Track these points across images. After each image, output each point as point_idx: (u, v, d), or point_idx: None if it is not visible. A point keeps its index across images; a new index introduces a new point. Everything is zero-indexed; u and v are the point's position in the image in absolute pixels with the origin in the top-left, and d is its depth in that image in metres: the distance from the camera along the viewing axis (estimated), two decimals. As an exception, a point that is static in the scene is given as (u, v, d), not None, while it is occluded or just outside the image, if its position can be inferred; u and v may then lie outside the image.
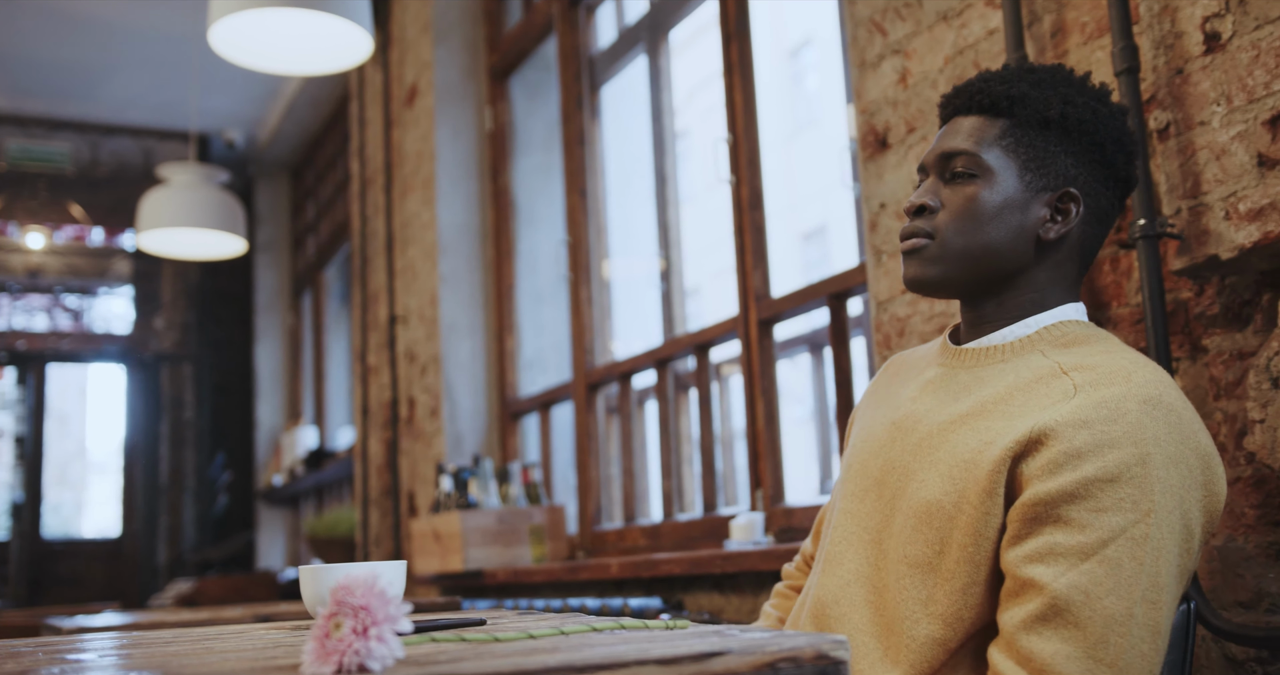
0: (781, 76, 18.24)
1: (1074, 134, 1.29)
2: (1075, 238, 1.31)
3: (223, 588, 5.42)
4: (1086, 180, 1.30)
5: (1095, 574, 1.09)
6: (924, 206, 1.32)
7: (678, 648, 0.79)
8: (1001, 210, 1.29)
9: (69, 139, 7.31)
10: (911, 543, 1.21)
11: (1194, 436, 1.16)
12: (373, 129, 5.21)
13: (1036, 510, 1.12)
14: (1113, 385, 1.16)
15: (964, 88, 1.36)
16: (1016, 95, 1.30)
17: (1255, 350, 1.57)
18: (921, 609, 1.19)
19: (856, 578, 1.28)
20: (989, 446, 1.18)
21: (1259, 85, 1.51)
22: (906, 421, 1.31)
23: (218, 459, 7.52)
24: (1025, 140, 1.30)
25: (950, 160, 1.32)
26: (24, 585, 7.13)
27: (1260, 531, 1.56)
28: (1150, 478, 1.10)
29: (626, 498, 3.52)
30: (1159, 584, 1.09)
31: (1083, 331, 1.28)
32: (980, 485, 1.17)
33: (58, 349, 7.48)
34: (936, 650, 1.17)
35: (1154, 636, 1.09)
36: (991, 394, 1.24)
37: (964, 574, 1.17)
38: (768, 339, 2.91)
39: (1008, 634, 1.12)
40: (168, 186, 4.63)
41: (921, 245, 1.31)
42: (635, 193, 4.33)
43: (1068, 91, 1.30)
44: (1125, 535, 1.09)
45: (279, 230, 7.80)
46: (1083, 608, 1.08)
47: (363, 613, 0.74)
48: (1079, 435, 1.12)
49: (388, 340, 4.86)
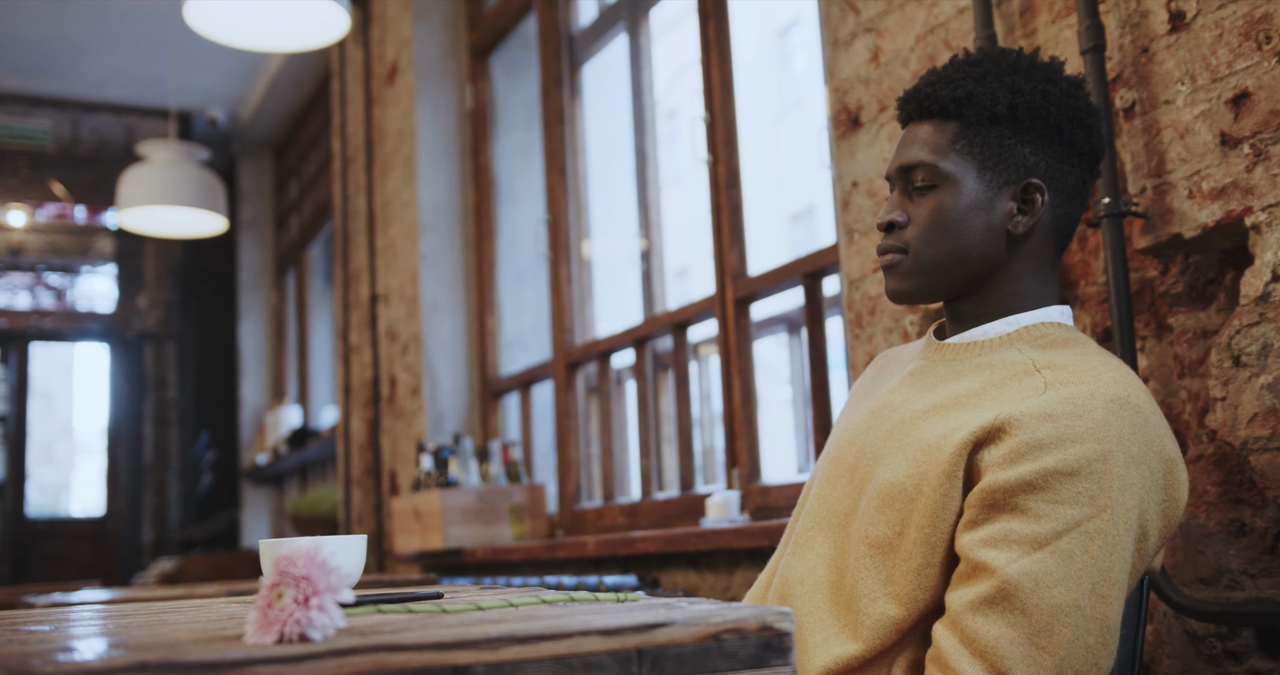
0: (769, 56, 18.19)
1: (1026, 122, 1.29)
2: (1047, 222, 1.31)
3: (206, 566, 5.42)
4: (1048, 165, 1.30)
5: (1046, 563, 1.10)
6: (893, 223, 1.33)
7: (621, 619, 0.80)
8: (967, 215, 1.29)
9: (49, 116, 7.26)
10: (874, 524, 1.23)
11: (1159, 440, 1.17)
12: (354, 107, 5.19)
13: (995, 497, 1.13)
14: (1082, 383, 1.17)
15: (912, 94, 1.35)
16: (962, 96, 1.29)
17: (1218, 328, 1.58)
18: (880, 588, 1.20)
19: (822, 560, 1.29)
20: (954, 432, 1.19)
21: (1222, 64, 1.52)
22: (883, 411, 1.33)
23: (202, 438, 7.51)
24: (979, 140, 1.29)
25: (910, 173, 1.32)
26: (7, 564, 7.13)
27: (1221, 509, 1.57)
28: (1110, 475, 1.11)
29: (606, 476, 3.53)
30: (1110, 579, 1.10)
31: (1061, 334, 1.29)
32: (941, 468, 1.18)
33: (40, 327, 7.45)
34: (891, 629, 1.18)
35: (1101, 630, 1.10)
36: (966, 387, 1.25)
37: (920, 555, 1.18)
38: (744, 318, 2.92)
39: (954, 613, 1.13)
40: (147, 164, 4.61)
41: (896, 261, 1.33)
42: (617, 172, 4.32)
43: (1014, 80, 1.29)
44: (1080, 529, 1.10)
45: (262, 209, 7.77)
46: (1031, 595, 1.09)
47: (304, 583, 0.74)
48: (1042, 427, 1.13)
49: (369, 319, 4.85)
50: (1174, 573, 1.63)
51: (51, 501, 11.42)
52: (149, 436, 7.50)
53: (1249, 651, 1.55)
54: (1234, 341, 1.51)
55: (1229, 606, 1.50)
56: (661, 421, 3.43)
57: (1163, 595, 1.56)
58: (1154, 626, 1.68)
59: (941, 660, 1.12)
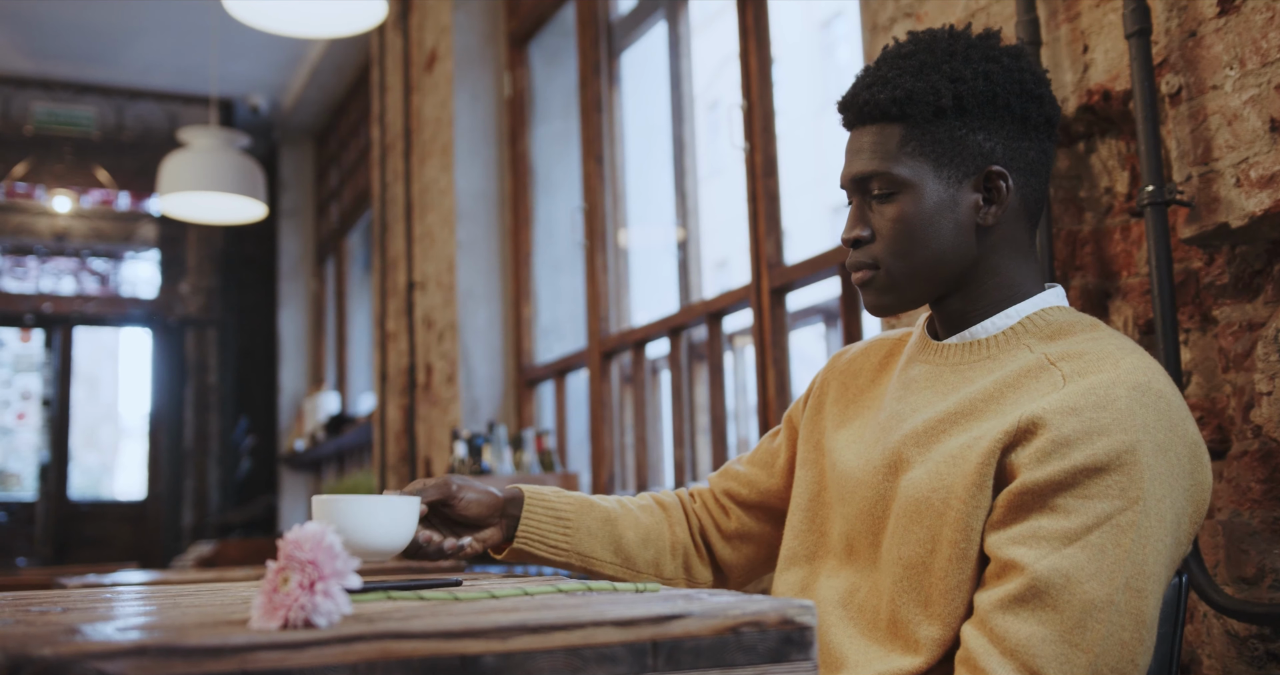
0: (811, 48, 18.08)
1: (974, 109, 1.23)
2: (1015, 205, 1.26)
3: (243, 550, 5.47)
4: (1005, 147, 1.24)
5: (1077, 558, 1.06)
6: (858, 239, 1.27)
7: (637, 610, 0.78)
8: (933, 218, 1.23)
9: (94, 103, 7.33)
10: (904, 543, 1.19)
11: (1182, 424, 1.13)
12: (393, 95, 5.19)
13: (1024, 498, 1.10)
14: (1101, 371, 1.13)
15: (850, 99, 1.28)
16: (902, 97, 1.22)
17: (1265, 321, 1.53)
18: (921, 611, 1.17)
19: (851, 587, 1.27)
20: (977, 441, 1.15)
21: (1273, 48, 1.47)
22: (891, 421, 1.28)
23: (241, 423, 7.58)
24: (929, 138, 1.23)
25: (866, 183, 1.26)
26: (50, 545, 7.23)
27: (1266, 506, 1.53)
28: (1139, 465, 1.08)
29: (639, 466, 3.51)
30: (1145, 572, 1.07)
31: (1066, 318, 1.25)
32: (968, 479, 1.14)
33: (84, 312, 7.54)
34: (939, 649, 1.15)
35: (1136, 625, 1.06)
36: (980, 391, 1.21)
37: (956, 571, 1.14)
38: (780, 308, 2.88)
39: (982, 613, 1.10)
40: (188, 150, 4.64)
41: (869, 277, 1.27)
42: (655, 161, 4.29)
43: (953, 67, 1.23)
44: (1111, 522, 1.07)
45: (303, 196, 7.81)
46: (1062, 591, 1.05)
47: (310, 567, 0.73)
48: (1068, 422, 1.10)
49: (406, 306, 4.86)
50: (1216, 572, 1.58)
51: (95, 484, 11.57)
52: (189, 421, 7.58)
53: (1292, 654, 1.51)
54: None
55: (1273, 607, 1.46)
56: (696, 412, 3.40)
57: (1204, 595, 1.52)
58: (1194, 627, 1.64)
59: (971, 661, 1.08)
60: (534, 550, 1.43)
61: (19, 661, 0.61)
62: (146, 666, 0.63)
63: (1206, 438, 1.62)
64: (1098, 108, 1.78)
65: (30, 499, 7.45)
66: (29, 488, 7.57)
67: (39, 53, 6.62)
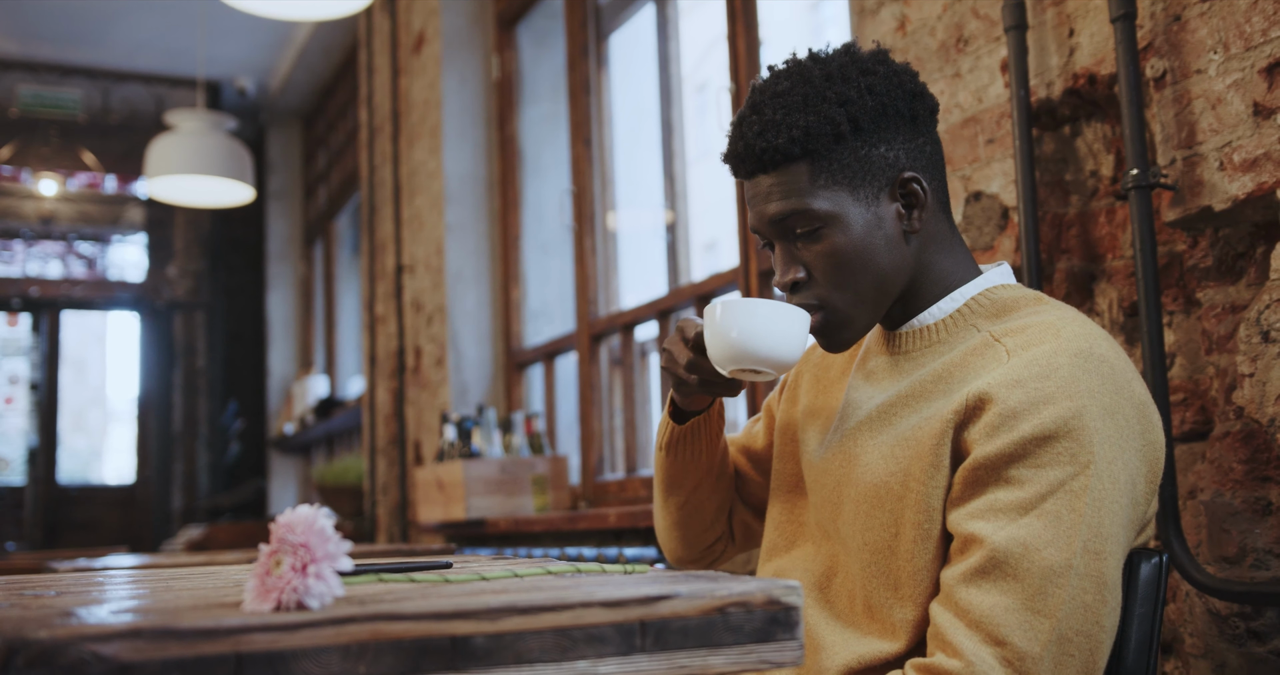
0: (800, 31, 18.04)
1: (869, 126, 1.22)
2: (931, 201, 1.27)
3: (232, 534, 5.47)
4: (906, 150, 1.25)
5: (1034, 527, 1.08)
6: (795, 282, 1.25)
7: (625, 591, 0.79)
8: (865, 240, 1.23)
9: (80, 85, 7.29)
10: (868, 528, 1.21)
11: (1128, 386, 1.14)
12: (381, 77, 5.18)
13: (978, 473, 1.12)
14: (1043, 343, 1.15)
15: (747, 151, 1.25)
16: (800, 135, 1.21)
17: (1248, 304, 1.55)
18: (892, 594, 1.19)
19: (827, 572, 1.29)
20: (928, 421, 1.17)
21: (1257, 32, 1.48)
22: (848, 409, 1.30)
23: (230, 407, 7.57)
24: (836, 165, 1.22)
25: (784, 224, 1.24)
26: (39, 529, 7.23)
27: (1247, 487, 1.55)
28: (1087, 430, 1.09)
29: (628, 448, 3.53)
30: (1102, 534, 1.08)
31: (1011, 295, 1.26)
32: (924, 460, 1.16)
33: (71, 296, 7.52)
34: (914, 632, 1.17)
35: (1098, 587, 1.08)
36: (929, 373, 1.22)
37: (922, 552, 1.16)
38: (769, 290, 2.89)
39: (947, 587, 1.12)
40: (175, 133, 4.63)
41: (819, 320, 1.26)
42: (644, 144, 4.29)
43: (836, 90, 1.22)
44: (1064, 488, 1.08)
45: (291, 179, 7.78)
46: (1021, 560, 1.07)
47: (302, 550, 0.74)
48: (1013, 394, 1.11)
49: (395, 290, 4.86)
50: (1198, 552, 1.60)
51: (84, 468, 11.56)
52: (178, 405, 7.57)
53: (1273, 631, 1.53)
54: (1263, 317, 1.48)
55: (1254, 586, 1.48)
56: (684, 394, 3.41)
57: (1185, 574, 1.54)
58: (1176, 605, 1.66)
59: (940, 636, 1.11)
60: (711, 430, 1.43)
61: (15, 644, 0.62)
62: (141, 648, 0.64)
63: (1190, 419, 1.64)
64: (1083, 91, 1.79)
65: (19, 483, 7.44)
66: (17, 472, 7.56)
67: (24, 34, 6.58)
